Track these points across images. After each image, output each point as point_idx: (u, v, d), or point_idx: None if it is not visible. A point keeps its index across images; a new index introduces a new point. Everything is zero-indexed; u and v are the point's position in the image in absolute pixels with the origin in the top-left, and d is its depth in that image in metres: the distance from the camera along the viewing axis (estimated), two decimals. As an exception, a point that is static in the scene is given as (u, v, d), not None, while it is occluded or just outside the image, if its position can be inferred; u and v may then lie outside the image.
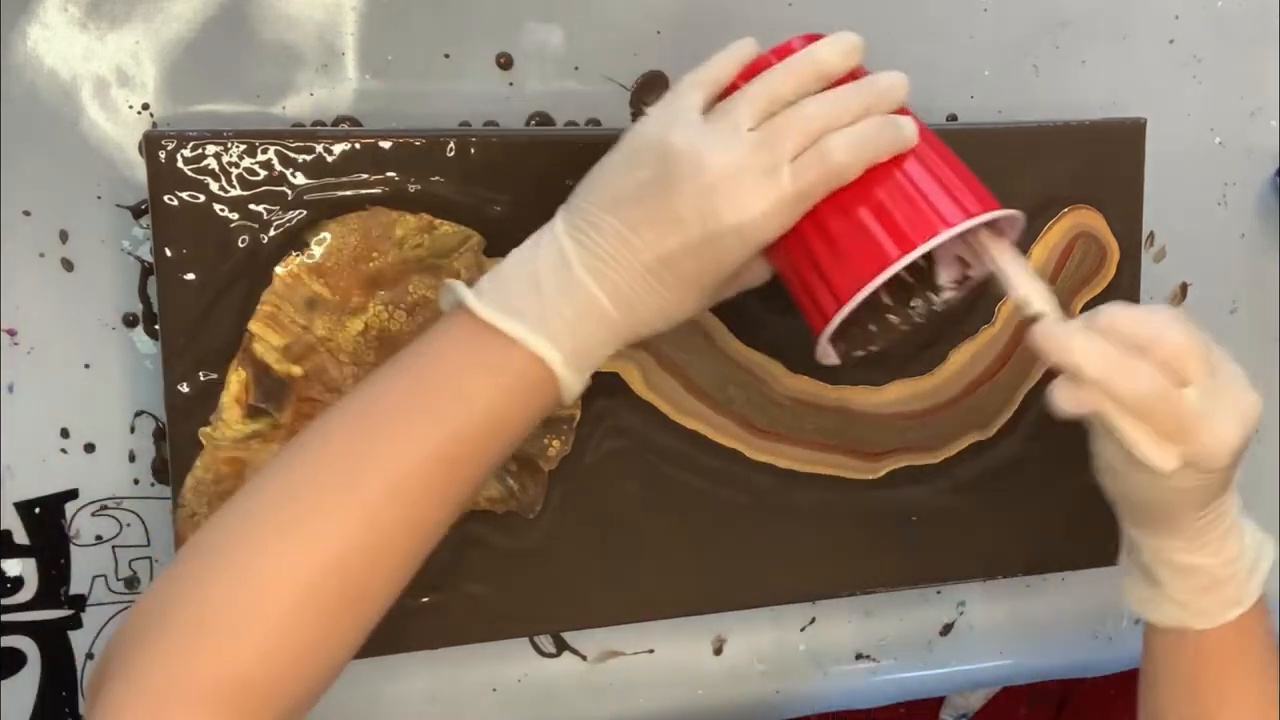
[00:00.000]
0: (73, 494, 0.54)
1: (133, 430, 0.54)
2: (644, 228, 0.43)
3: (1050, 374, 0.45)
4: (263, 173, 0.51)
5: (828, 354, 0.47)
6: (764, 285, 0.47)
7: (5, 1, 0.50)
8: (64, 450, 0.54)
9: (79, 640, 0.55)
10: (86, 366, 0.53)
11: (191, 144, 0.50)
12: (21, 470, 0.53)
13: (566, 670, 0.62)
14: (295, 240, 0.51)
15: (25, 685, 0.55)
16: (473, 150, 0.53)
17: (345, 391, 0.52)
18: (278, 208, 0.51)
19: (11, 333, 0.52)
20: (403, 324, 0.53)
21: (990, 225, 0.45)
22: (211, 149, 0.50)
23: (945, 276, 0.49)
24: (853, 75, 0.45)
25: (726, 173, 0.42)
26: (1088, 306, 0.64)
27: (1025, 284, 0.46)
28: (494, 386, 0.43)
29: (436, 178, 0.53)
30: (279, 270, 0.51)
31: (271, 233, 0.51)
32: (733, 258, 0.44)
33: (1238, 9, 0.68)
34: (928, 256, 0.44)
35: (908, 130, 0.44)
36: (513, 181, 0.54)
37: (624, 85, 0.59)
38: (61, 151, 0.52)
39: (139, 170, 0.51)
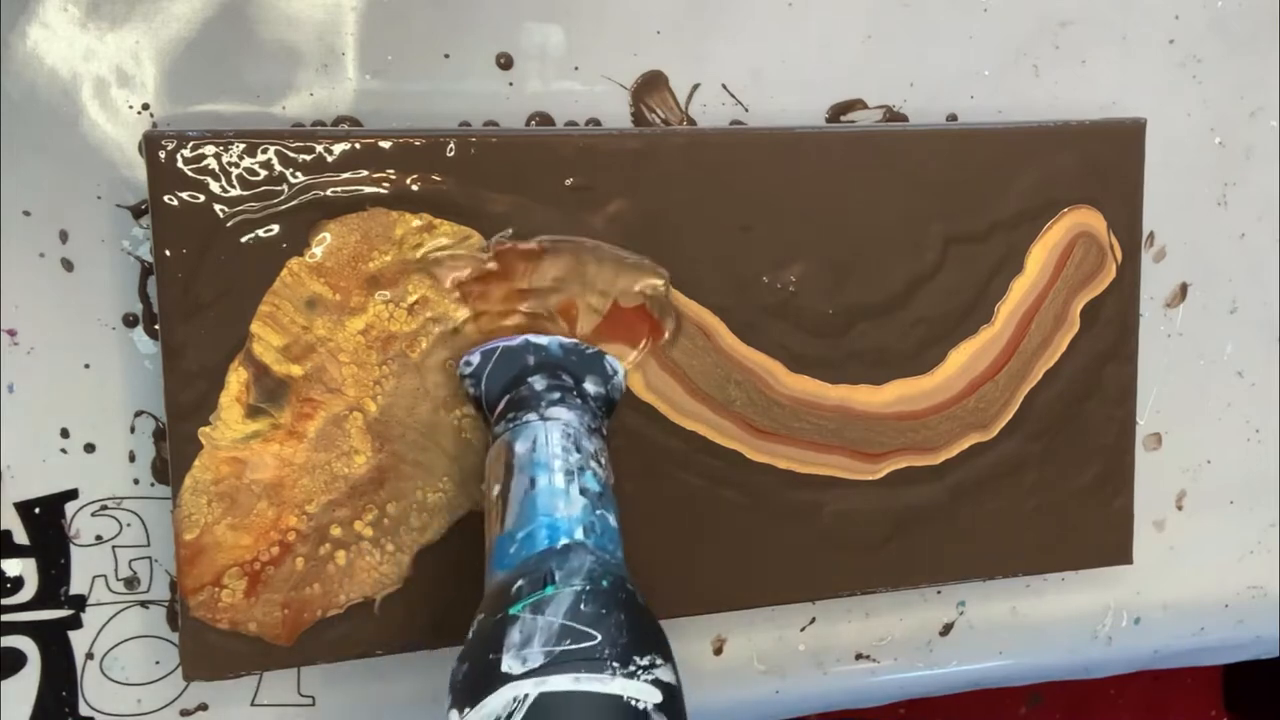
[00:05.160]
0: (73, 494, 0.54)
1: (133, 430, 0.54)
2: None
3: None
4: (263, 173, 0.51)
5: None
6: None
7: (5, 1, 0.50)
8: (64, 450, 0.54)
9: (79, 640, 0.55)
10: (86, 366, 0.53)
11: (191, 144, 0.50)
12: (21, 470, 0.53)
13: (566, 670, 0.62)
14: (295, 240, 0.51)
15: (25, 685, 0.55)
16: (473, 150, 0.53)
17: (345, 391, 0.52)
18: (278, 208, 0.51)
19: (11, 333, 0.52)
20: (403, 324, 0.53)
21: None
22: (211, 149, 0.50)
23: None
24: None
25: None
26: (1088, 307, 0.64)
27: None
28: None
29: (436, 178, 0.53)
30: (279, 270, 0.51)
31: (271, 233, 0.51)
32: None
33: (1238, 9, 0.68)
34: None
35: None
36: (513, 181, 0.54)
37: (624, 85, 0.59)
38: (61, 151, 0.52)
39: (139, 170, 0.51)
